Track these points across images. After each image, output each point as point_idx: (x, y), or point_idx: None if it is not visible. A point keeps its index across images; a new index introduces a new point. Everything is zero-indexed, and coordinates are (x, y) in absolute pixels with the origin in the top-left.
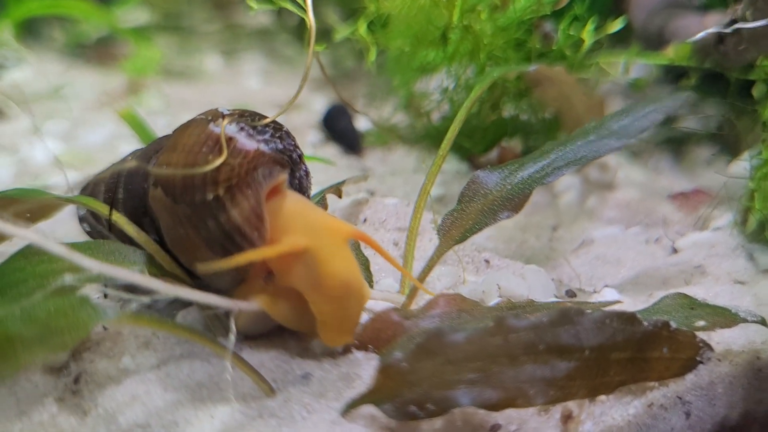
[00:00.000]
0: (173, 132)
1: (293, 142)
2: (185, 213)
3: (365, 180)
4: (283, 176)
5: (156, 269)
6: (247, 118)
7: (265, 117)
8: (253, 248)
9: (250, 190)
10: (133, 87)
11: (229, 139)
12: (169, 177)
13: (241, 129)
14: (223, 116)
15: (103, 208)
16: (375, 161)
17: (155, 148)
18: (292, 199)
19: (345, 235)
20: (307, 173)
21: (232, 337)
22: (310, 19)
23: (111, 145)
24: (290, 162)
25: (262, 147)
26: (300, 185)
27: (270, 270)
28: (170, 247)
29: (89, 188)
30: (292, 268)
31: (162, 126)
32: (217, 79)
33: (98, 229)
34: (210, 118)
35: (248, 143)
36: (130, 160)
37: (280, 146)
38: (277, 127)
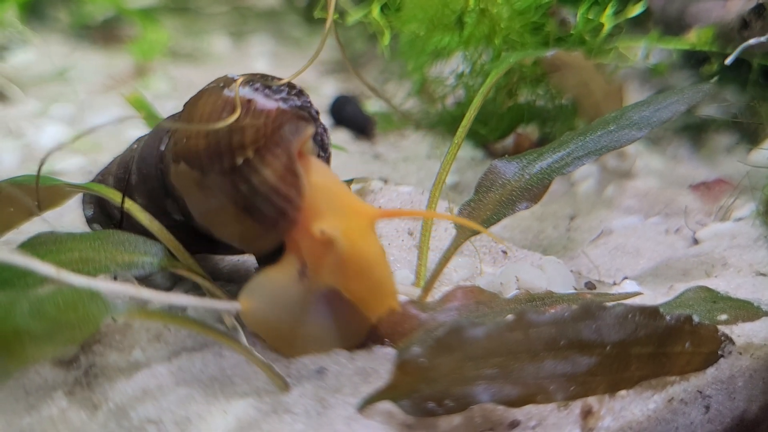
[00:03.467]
0: (184, 106)
1: (309, 100)
2: (216, 182)
3: (366, 182)
4: (311, 129)
5: (169, 260)
6: (260, 79)
7: (277, 78)
8: (291, 206)
9: (279, 148)
10: (139, 69)
11: (248, 102)
12: (192, 149)
13: (257, 90)
14: (235, 80)
15: (115, 196)
16: (387, 147)
17: (164, 129)
18: (318, 171)
19: (372, 217)
20: (325, 129)
21: (242, 333)
22: None
23: (118, 129)
24: (311, 118)
25: (282, 105)
26: (321, 142)
27: (304, 262)
28: (201, 222)
29: (97, 180)
30: (323, 258)
31: (170, 109)
32: (225, 61)
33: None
34: (222, 84)
35: (268, 103)
36: (135, 148)
37: (299, 103)
38: (291, 85)
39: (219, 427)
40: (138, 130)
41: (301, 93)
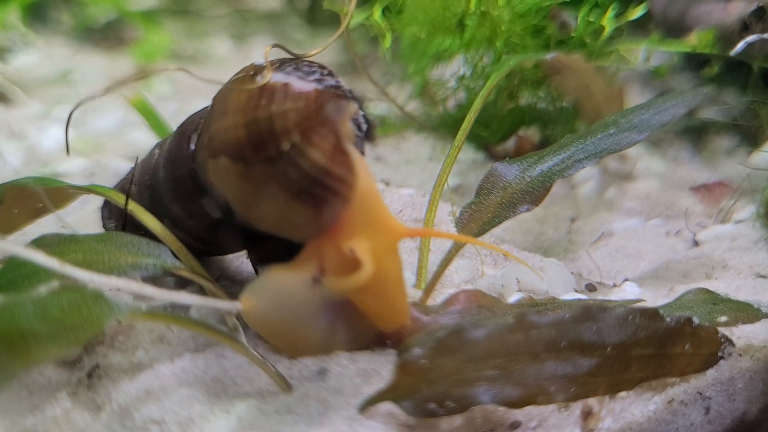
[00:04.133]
0: (213, 101)
1: (339, 80)
2: (263, 172)
3: None
4: (354, 107)
5: (172, 262)
6: (290, 62)
7: (305, 59)
8: (344, 185)
9: (325, 128)
10: (142, 72)
11: (284, 86)
12: (232, 142)
13: (290, 74)
14: (263, 67)
15: (120, 198)
16: (388, 149)
17: (191, 128)
18: (359, 174)
19: (400, 236)
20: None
21: (244, 334)
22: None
23: (120, 131)
24: (349, 96)
25: (318, 86)
26: (356, 121)
27: (322, 269)
28: (246, 216)
29: (118, 189)
30: (345, 271)
31: (172, 111)
32: (227, 63)
33: None
34: (252, 72)
35: (305, 85)
36: (158, 153)
37: (333, 83)
38: (321, 66)
39: (222, 427)
40: (140, 132)
41: (331, 73)
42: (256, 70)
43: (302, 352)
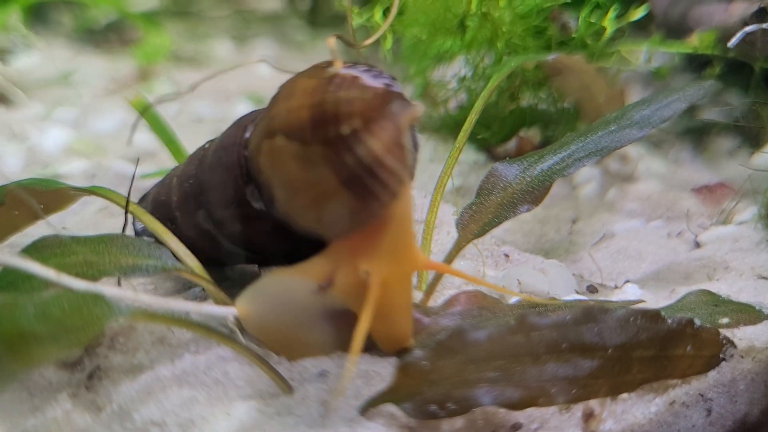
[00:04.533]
0: (278, 89)
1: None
2: (318, 153)
3: None
4: (420, 108)
5: (174, 264)
6: (363, 65)
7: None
8: (395, 179)
9: (388, 121)
10: (143, 73)
11: (354, 77)
12: (294, 121)
13: (363, 71)
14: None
15: (119, 199)
16: None
17: (248, 120)
18: (405, 195)
19: (418, 268)
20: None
21: (239, 335)
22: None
23: (121, 132)
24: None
25: (389, 86)
26: (413, 136)
27: (331, 281)
28: (288, 204)
29: (167, 183)
30: (354, 288)
31: (173, 113)
32: (228, 64)
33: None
34: (324, 65)
35: (375, 81)
36: (208, 147)
37: (400, 90)
38: (391, 75)
39: (222, 429)
40: (141, 133)
41: (398, 83)
42: (327, 64)
43: (300, 354)
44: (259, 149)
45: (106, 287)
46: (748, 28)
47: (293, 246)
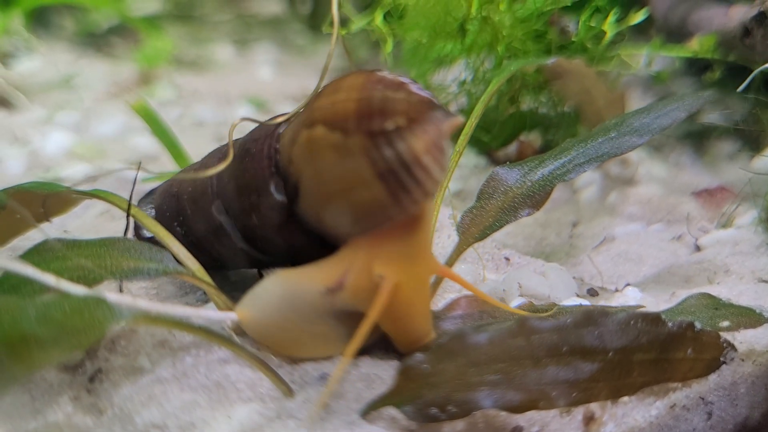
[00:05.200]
0: (324, 88)
1: None
2: (359, 143)
3: None
4: (461, 119)
5: (175, 267)
6: (405, 76)
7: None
8: (432, 181)
9: (430, 125)
10: (144, 77)
11: (401, 84)
12: (339, 111)
13: (408, 81)
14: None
15: (120, 202)
16: None
17: (279, 118)
18: (428, 210)
19: (432, 272)
20: None
21: (237, 339)
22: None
23: (123, 136)
24: None
25: (432, 97)
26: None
27: (342, 284)
28: (315, 198)
29: (180, 177)
30: (367, 291)
31: (174, 117)
32: (229, 69)
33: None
34: (371, 70)
35: (421, 91)
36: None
37: (441, 104)
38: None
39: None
40: (143, 137)
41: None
42: (375, 70)
43: (306, 354)
44: (294, 140)
45: (106, 292)
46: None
47: (302, 246)
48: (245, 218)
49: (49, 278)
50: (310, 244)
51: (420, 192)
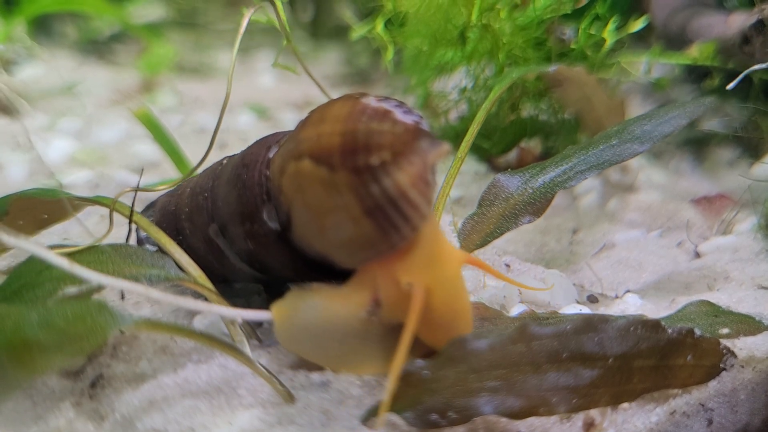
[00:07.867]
0: (309, 114)
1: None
2: (345, 180)
3: None
4: (447, 147)
5: (177, 273)
6: (394, 100)
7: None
8: (417, 214)
9: (416, 156)
10: (146, 84)
11: (386, 111)
12: (324, 146)
13: (394, 106)
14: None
15: (122, 209)
16: None
17: (273, 139)
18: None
19: (460, 263)
20: None
21: (246, 344)
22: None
23: (125, 143)
24: None
25: (418, 123)
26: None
27: (378, 302)
28: (305, 228)
29: (177, 193)
30: (402, 304)
31: (176, 123)
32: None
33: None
34: (357, 96)
35: (406, 117)
36: (226, 163)
37: (428, 128)
38: (420, 114)
39: None
40: (145, 144)
41: (425, 120)
42: (360, 95)
43: (349, 369)
44: (283, 170)
45: (119, 282)
46: (755, 68)
47: (300, 270)
48: (241, 243)
49: (63, 262)
50: (310, 267)
51: (408, 228)
